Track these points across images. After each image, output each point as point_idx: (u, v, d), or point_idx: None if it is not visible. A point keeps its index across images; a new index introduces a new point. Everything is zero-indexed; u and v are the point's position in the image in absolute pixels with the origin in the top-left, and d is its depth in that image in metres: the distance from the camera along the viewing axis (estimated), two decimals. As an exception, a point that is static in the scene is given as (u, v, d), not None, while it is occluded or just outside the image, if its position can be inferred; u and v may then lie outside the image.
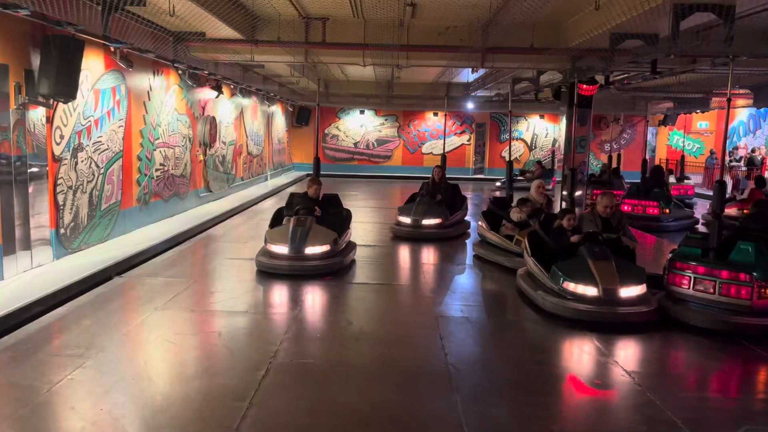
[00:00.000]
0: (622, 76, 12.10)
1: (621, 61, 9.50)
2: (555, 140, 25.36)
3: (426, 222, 10.81)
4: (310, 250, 7.88)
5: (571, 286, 6.32)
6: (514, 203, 9.74)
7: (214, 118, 14.20)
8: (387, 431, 4.03)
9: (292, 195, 9.08)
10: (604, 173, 17.52)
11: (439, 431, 4.05)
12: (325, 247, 7.97)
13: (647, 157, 19.80)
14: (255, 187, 18.37)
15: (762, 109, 20.78)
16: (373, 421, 4.14)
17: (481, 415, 4.22)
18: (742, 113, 22.51)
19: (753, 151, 21.07)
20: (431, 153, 25.44)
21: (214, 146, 14.51)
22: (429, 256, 9.77)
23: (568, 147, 12.46)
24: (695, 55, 9.51)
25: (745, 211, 13.85)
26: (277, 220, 8.78)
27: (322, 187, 8.99)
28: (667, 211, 13.46)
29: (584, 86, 11.76)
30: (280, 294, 7.33)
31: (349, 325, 6.05)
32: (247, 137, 18.20)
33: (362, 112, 25.41)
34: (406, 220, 10.94)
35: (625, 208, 13.33)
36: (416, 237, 10.66)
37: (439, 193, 11.54)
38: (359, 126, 25.78)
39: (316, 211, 8.43)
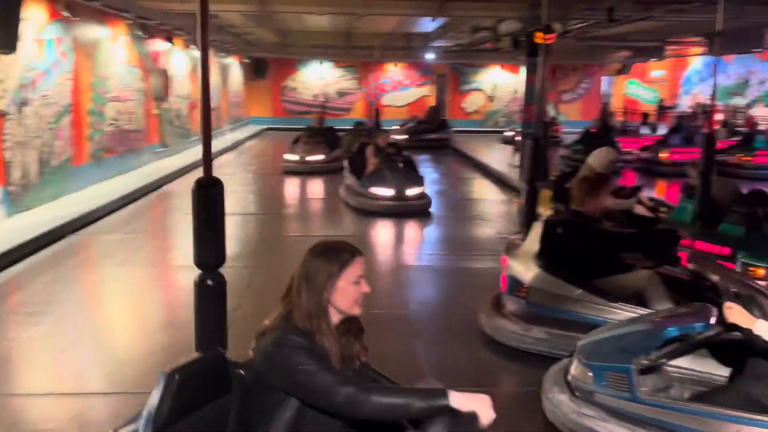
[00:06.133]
0: (579, 25, 12.13)
1: (577, 9, 9.54)
2: (516, 90, 25.43)
3: None
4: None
5: None
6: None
7: (166, 70, 13.77)
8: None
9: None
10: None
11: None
12: None
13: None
14: (213, 141, 17.98)
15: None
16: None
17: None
18: (696, 61, 22.85)
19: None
20: (392, 105, 25.22)
21: (168, 100, 14.11)
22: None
23: (529, 98, 12.46)
24: (651, 2, 9.59)
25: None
26: None
27: None
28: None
29: (542, 35, 11.73)
30: (237, 250, 7.29)
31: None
32: (202, 90, 17.74)
33: (321, 63, 24.93)
34: None
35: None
36: None
37: None
38: (318, 78, 25.33)
39: None
